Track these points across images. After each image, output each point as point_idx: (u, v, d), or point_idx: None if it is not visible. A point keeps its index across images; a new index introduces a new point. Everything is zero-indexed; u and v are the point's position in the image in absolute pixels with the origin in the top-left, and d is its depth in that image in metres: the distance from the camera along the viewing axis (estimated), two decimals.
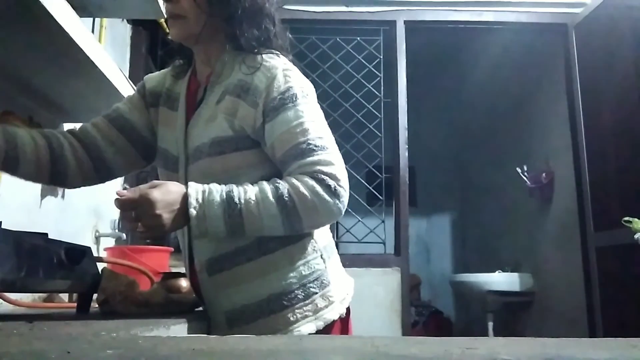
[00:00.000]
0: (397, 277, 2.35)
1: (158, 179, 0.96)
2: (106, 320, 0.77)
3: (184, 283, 1.25)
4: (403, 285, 2.34)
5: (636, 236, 1.85)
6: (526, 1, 2.62)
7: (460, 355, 0.39)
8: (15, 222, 1.32)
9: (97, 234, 1.91)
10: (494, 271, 3.46)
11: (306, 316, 0.92)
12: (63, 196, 1.59)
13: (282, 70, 0.93)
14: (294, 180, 0.86)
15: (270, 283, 0.92)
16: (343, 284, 1.01)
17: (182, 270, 1.06)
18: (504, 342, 0.48)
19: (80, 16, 1.01)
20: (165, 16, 0.99)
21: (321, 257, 0.97)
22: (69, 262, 0.85)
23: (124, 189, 2.27)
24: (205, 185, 0.86)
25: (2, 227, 0.78)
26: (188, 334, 0.78)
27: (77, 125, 1.66)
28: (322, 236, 0.99)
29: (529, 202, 3.33)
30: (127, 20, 2.35)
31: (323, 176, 0.86)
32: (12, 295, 1.03)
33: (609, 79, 2.27)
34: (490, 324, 3.37)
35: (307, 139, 0.89)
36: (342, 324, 1.00)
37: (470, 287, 3.53)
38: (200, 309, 1.08)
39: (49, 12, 0.86)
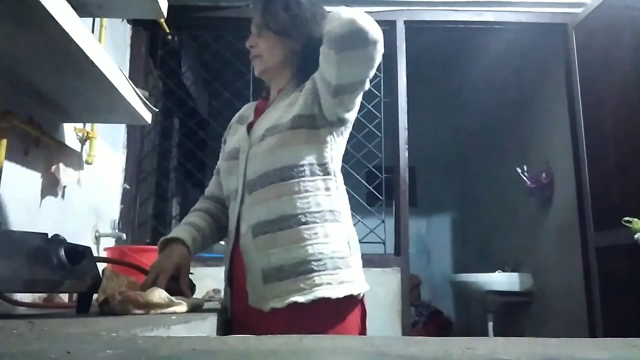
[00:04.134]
0: (397, 277, 2.35)
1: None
2: (106, 320, 0.77)
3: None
4: (403, 285, 2.34)
5: (636, 236, 1.84)
6: (526, 1, 2.61)
7: (460, 355, 0.39)
8: (15, 222, 1.33)
9: (97, 234, 1.91)
10: (494, 271, 3.46)
11: (330, 283, 1.04)
12: (63, 196, 1.59)
13: None
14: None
15: (305, 250, 1.05)
16: (362, 276, 1.15)
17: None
18: (504, 342, 0.48)
19: (80, 16, 1.01)
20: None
21: (348, 244, 1.11)
22: (69, 262, 0.85)
23: (124, 188, 2.28)
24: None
25: (2, 227, 0.78)
26: (188, 334, 0.78)
27: (77, 126, 1.66)
28: (352, 232, 1.15)
29: (529, 202, 3.33)
30: (127, 20, 2.35)
31: None
32: (12, 295, 1.03)
33: (609, 79, 2.27)
34: (490, 324, 3.37)
35: None
36: (362, 312, 1.13)
37: (470, 287, 3.53)
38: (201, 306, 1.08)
39: (48, 12, 0.86)
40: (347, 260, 1.09)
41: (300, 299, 1.02)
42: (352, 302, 1.09)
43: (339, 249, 1.08)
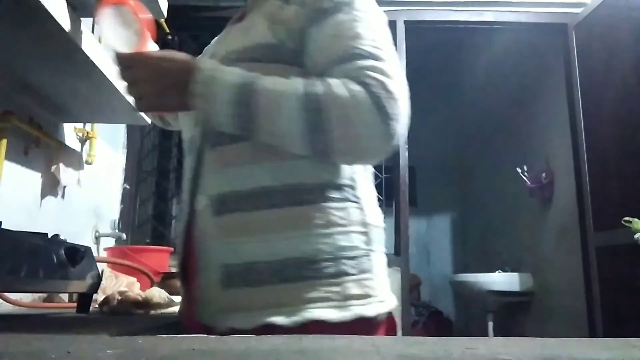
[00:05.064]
0: (397, 277, 2.35)
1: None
2: (106, 320, 0.77)
3: None
4: (403, 285, 2.34)
5: (636, 236, 1.84)
6: (526, 1, 2.61)
7: (460, 355, 0.39)
8: (15, 222, 1.33)
9: (97, 234, 1.91)
10: (494, 271, 3.46)
11: (330, 298, 0.68)
12: (63, 196, 1.59)
13: None
14: (331, 80, 0.68)
15: (294, 242, 0.69)
16: (386, 284, 0.77)
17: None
18: (504, 342, 0.48)
19: (80, 16, 1.01)
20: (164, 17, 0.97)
21: (366, 236, 0.73)
22: (69, 262, 0.86)
23: (124, 188, 2.27)
24: (220, 64, 0.71)
25: (2, 227, 0.78)
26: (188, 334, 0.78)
27: (77, 126, 1.66)
28: (374, 213, 0.77)
29: (529, 202, 3.33)
30: None
31: (371, 81, 0.67)
32: (12, 295, 1.03)
33: (609, 79, 2.26)
34: (490, 324, 3.37)
35: (360, 44, 0.69)
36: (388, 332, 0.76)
37: (470, 287, 3.53)
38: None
39: (48, 12, 0.86)
40: (361, 262, 0.72)
41: (281, 320, 0.66)
42: (366, 326, 0.70)
43: (350, 243, 0.71)
